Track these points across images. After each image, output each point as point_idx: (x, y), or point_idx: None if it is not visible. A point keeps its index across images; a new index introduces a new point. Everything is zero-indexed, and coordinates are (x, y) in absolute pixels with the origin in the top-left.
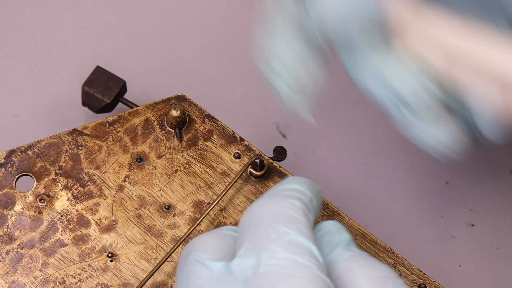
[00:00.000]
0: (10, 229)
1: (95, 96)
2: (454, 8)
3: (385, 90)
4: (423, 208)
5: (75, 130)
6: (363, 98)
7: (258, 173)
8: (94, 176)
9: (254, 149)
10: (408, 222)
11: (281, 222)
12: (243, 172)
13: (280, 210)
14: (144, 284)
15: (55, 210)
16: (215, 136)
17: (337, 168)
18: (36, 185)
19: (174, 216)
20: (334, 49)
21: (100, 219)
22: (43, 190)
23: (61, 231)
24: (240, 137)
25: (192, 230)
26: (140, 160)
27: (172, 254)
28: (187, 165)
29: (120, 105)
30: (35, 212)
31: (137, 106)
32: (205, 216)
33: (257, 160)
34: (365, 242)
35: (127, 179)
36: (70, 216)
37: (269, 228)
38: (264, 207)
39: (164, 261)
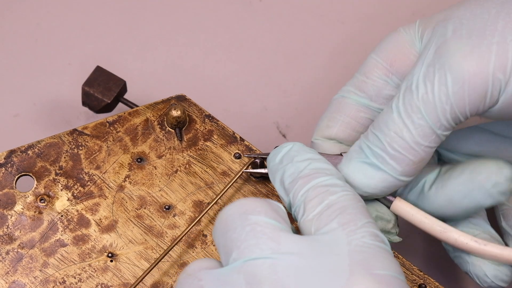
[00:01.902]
0: (10, 229)
1: (95, 96)
2: None
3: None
4: None
5: (75, 130)
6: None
7: (257, 173)
8: (94, 176)
9: (254, 149)
10: (408, 222)
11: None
12: (242, 172)
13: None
14: (141, 281)
15: (55, 210)
16: (215, 136)
17: None
18: (36, 185)
19: (174, 216)
20: None
21: (100, 219)
22: (43, 190)
23: (61, 231)
24: (240, 137)
25: (190, 229)
26: (140, 160)
27: (173, 254)
28: (187, 165)
29: (120, 105)
30: (35, 212)
31: (137, 106)
32: (203, 215)
33: (257, 160)
34: None
35: (127, 179)
36: (70, 216)
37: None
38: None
39: (162, 258)
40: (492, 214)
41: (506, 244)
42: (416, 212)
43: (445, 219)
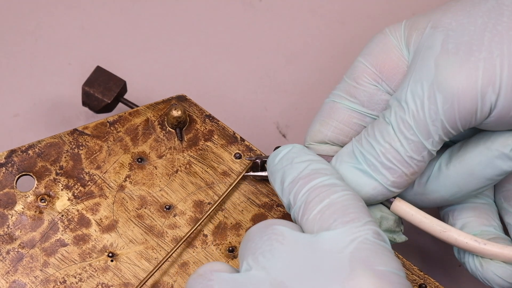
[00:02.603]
0: (11, 228)
1: (95, 96)
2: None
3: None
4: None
5: (75, 130)
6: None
7: (258, 175)
8: (94, 176)
9: (255, 149)
10: (408, 222)
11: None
12: (244, 173)
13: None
14: (144, 283)
15: (56, 210)
16: (215, 136)
17: None
18: (37, 185)
19: (174, 216)
20: None
21: (100, 219)
22: (43, 190)
23: (62, 231)
24: (240, 137)
25: (193, 231)
26: (140, 160)
27: (173, 254)
28: (187, 165)
29: (120, 105)
30: (35, 212)
31: (137, 106)
32: (206, 217)
33: (258, 161)
34: None
35: (127, 179)
36: (70, 216)
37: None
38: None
39: (165, 261)
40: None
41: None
42: (416, 212)
43: (470, 195)
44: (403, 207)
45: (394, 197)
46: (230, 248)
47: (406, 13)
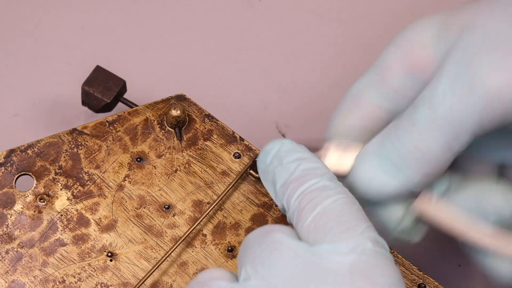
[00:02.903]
0: (10, 228)
1: (95, 96)
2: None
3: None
4: None
5: (75, 129)
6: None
7: (257, 175)
8: (94, 176)
9: (254, 148)
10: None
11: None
12: (243, 173)
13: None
14: (143, 283)
15: (55, 209)
16: (215, 136)
17: None
18: (36, 185)
19: (174, 215)
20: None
21: (100, 218)
22: (43, 189)
23: (61, 230)
24: (240, 137)
25: (192, 230)
26: (140, 159)
27: (172, 254)
28: (187, 165)
29: (119, 104)
30: (34, 211)
31: (137, 106)
32: (204, 216)
33: (257, 159)
34: None
35: (127, 178)
36: (70, 216)
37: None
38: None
39: (164, 260)
40: None
41: None
42: (445, 211)
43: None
44: (426, 206)
45: (416, 196)
46: (229, 248)
47: (406, 13)
